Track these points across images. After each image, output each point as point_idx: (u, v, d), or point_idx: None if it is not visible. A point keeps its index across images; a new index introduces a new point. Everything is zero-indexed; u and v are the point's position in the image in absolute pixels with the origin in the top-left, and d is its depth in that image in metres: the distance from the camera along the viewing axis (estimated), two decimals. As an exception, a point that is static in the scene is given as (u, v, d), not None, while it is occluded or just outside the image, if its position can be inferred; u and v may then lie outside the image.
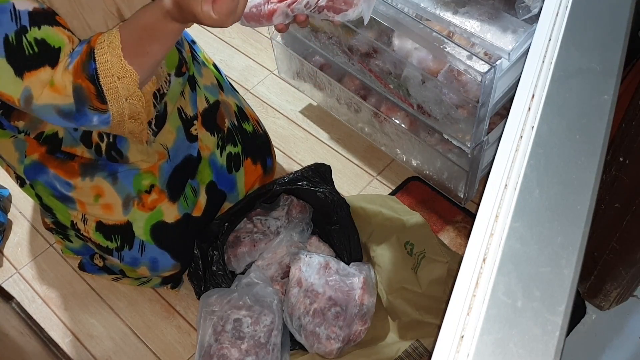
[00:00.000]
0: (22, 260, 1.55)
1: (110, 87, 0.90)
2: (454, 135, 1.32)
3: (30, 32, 0.88)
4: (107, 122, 0.94)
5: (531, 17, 1.17)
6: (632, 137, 0.98)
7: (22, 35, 0.87)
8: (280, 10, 0.93)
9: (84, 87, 0.90)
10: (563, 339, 0.58)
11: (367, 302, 1.29)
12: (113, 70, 0.89)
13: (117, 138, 1.19)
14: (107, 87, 0.90)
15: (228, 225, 1.38)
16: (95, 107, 0.91)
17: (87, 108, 0.91)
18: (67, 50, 0.91)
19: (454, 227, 1.50)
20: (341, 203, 1.35)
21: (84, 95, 0.90)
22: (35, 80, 0.89)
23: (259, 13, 0.93)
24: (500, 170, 0.71)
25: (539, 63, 0.79)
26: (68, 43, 0.91)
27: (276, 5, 0.93)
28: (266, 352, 1.24)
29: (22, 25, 0.87)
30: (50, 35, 0.90)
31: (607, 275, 1.23)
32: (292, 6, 0.93)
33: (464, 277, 0.63)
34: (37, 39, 0.89)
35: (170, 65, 1.20)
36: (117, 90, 0.90)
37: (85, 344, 1.42)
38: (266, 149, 1.50)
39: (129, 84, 0.90)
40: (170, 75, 1.20)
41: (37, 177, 1.21)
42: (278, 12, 0.93)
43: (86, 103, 0.91)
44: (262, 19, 0.94)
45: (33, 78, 0.89)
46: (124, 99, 0.91)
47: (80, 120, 0.93)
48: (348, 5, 0.95)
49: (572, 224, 0.64)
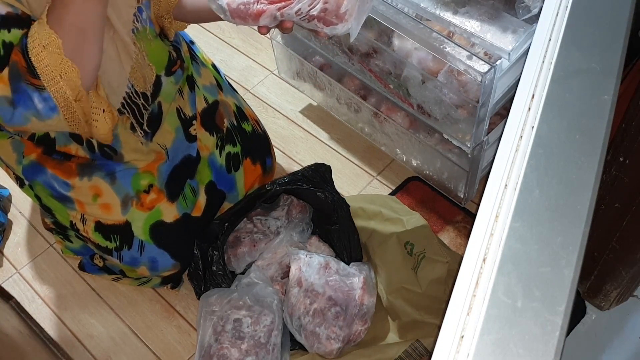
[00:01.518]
0: (22, 260, 1.55)
1: (37, 59, 0.88)
2: (454, 135, 1.32)
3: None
4: (53, 107, 0.93)
5: (531, 17, 1.17)
6: (632, 137, 0.98)
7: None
8: (269, 13, 0.91)
9: (17, 61, 0.89)
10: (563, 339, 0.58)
11: (367, 302, 1.29)
12: (39, 39, 0.88)
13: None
14: (34, 59, 0.88)
15: (228, 225, 1.38)
16: (30, 82, 0.90)
17: (23, 83, 0.90)
18: None
19: (454, 227, 1.50)
20: (341, 203, 1.35)
21: (18, 70, 0.89)
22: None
23: (246, 11, 0.91)
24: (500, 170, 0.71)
25: (539, 63, 0.79)
26: None
27: (266, 6, 0.90)
28: (266, 352, 1.24)
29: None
30: (19, 39, 0.90)
31: (607, 275, 1.23)
32: (282, 10, 0.91)
33: (464, 277, 0.63)
34: (5, 41, 0.89)
35: (159, 66, 1.19)
36: (44, 60, 0.88)
37: (85, 343, 1.42)
38: (265, 148, 1.49)
39: (54, 54, 0.88)
40: (159, 76, 1.19)
41: (35, 177, 1.21)
42: (266, 14, 0.91)
43: (21, 78, 0.90)
44: (248, 17, 0.92)
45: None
46: (57, 75, 0.90)
47: (21, 102, 0.91)
48: (339, 20, 0.93)
49: (572, 224, 0.64)
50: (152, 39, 1.16)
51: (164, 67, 1.20)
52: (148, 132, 1.23)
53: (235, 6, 0.91)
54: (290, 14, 0.92)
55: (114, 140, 1.20)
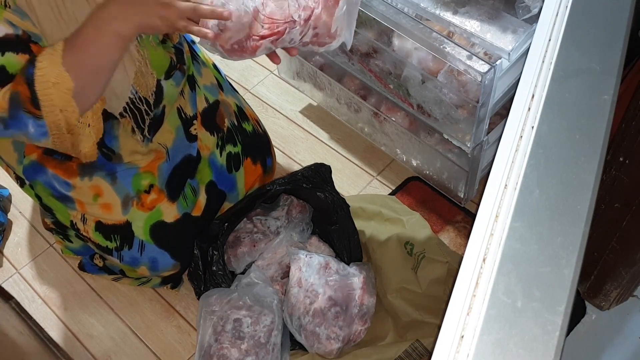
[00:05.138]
0: (22, 260, 1.55)
1: (44, 93, 0.89)
2: (454, 135, 1.32)
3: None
4: (45, 133, 0.93)
5: (531, 17, 1.18)
6: (632, 137, 0.98)
7: None
8: (264, 47, 0.94)
9: (20, 92, 0.90)
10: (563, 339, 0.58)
11: (367, 302, 1.29)
12: (49, 75, 0.88)
13: (105, 135, 1.18)
14: (41, 93, 0.89)
15: (228, 225, 1.38)
16: (29, 111, 0.91)
17: (22, 111, 0.91)
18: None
19: (454, 227, 1.50)
20: (341, 203, 1.35)
21: (19, 99, 0.90)
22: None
23: (242, 49, 0.93)
24: (500, 170, 0.71)
25: (539, 63, 0.79)
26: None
27: (259, 42, 0.92)
28: (266, 352, 1.24)
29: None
30: (12, 62, 0.91)
31: (607, 275, 1.23)
32: (275, 42, 0.93)
33: (464, 277, 0.63)
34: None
35: (159, 71, 1.19)
36: (51, 96, 0.89)
37: (85, 343, 1.42)
38: (266, 148, 1.49)
39: (62, 92, 0.89)
40: (159, 80, 1.19)
41: (36, 177, 1.21)
42: (261, 48, 0.94)
43: (21, 106, 0.90)
44: (244, 54, 0.94)
45: None
46: (58, 110, 0.91)
47: (15, 126, 0.92)
48: (332, 38, 0.97)
49: (572, 224, 0.64)
50: (155, 46, 1.16)
51: (164, 72, 1.21)
52: (148, 137, 1.23)
53: (229, 47, 0.93)
54: (284, 44, 0.94)
55: (113, 141, 1.20)
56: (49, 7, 0.97)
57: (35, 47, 0.93)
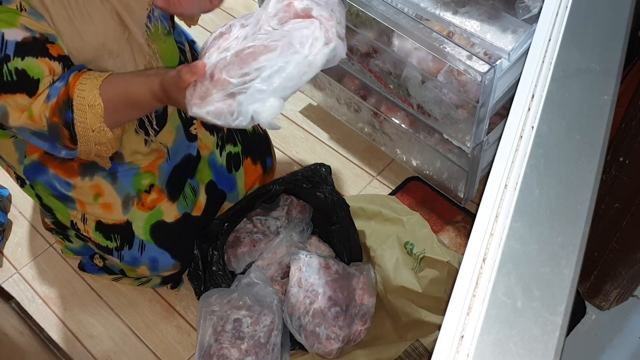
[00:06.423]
0: (22, 260, 1.55)
1: (83, 136, 0.98)
2: (454, 135, 1.32)
3: (12, 61, 0.92)
4: (73, 156, 1.04)
5: (531, 17, 1.17)
6: (632, 137, 0.98)
7: (4, 64, 0.92)
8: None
9: (60, 128, 0.97)
10: (563, 339, 0.58)
11: (367, 302, 1.29)
12: (89, 125, 0.96)
13: None
14: (80, 135, 0.97)
15: (228, 225, 1.38)
16: (66, 146, 0.99)
17: (59, 144, 0.99)
18: (46, 82, 0.96)
19: (454, 227, 1.50)
20: (341, 203, 1.35)
21: (58, 134, 0.97)
22: (11, 101, 0.95)
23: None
24: (500, 170, 0.71)
25: (539, 63, 0.79)
26: (48, 75, 0.96)
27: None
28: (266, 352, 1.24)
29: (6, 54, 0.92)
30: (32, 66, 0.94)
31: (607, 275, 1.23)
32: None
33: (464, 277, 0.63)
34: (17, 68, 0.93)
35: (171, 66, 1.19)
36: (88, 138, 0.98)
37: (85, 343, 1.42)
38: (266, 148, 1.49)
39: (100, 137, 0.98)
40: None
41: (36, 177, 1.21)
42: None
43: (58, 140, 0.99)
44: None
45: (9, 99, 0.94)
46: (92, 143, 0.99)
47: (50, 149, 1.01)
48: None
49: (572, 224, 0.64)
50: (164, 38, 1.16)
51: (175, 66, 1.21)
52: (157, 130, 1.23)
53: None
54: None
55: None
56: (61, 6, 0.97)
57: (52, 48, 0.96)
